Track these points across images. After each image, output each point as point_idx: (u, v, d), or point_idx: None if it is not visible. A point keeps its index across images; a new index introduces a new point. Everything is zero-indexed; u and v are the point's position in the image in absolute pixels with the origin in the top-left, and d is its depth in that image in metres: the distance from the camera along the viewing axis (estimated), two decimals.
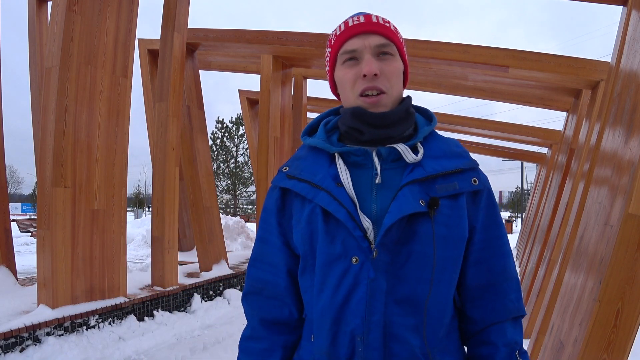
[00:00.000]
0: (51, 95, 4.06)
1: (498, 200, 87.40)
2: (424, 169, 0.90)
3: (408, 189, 0.87)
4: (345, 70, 0.94)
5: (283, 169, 0.99)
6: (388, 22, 0.95)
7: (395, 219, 0.84)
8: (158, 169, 5.63)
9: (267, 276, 1.01)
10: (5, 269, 5.01)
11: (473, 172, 0.93)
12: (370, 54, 0.91)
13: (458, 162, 0.93)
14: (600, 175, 2.36)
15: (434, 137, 0.97)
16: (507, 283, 0.95)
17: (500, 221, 0.98)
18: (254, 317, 1.04)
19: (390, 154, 0.92)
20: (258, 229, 1.06)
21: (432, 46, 5.56)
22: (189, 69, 6.76)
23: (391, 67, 0.93)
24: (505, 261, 0.96)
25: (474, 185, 0.92)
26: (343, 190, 0.89)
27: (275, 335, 1.01)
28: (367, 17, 0.94)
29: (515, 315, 0.95)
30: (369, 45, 0.92)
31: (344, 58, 0.94)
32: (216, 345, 4.68)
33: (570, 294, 2.38)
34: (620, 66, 2.51)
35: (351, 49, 0.93)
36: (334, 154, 0.95)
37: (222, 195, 36.70)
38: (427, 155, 0.92)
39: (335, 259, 0.88)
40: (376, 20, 0.94)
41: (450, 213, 0.89)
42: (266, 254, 1.02)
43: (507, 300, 0.94)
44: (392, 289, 0.86)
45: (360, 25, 0.93)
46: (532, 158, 13.98)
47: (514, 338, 0.94)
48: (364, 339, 0.85)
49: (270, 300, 1.01)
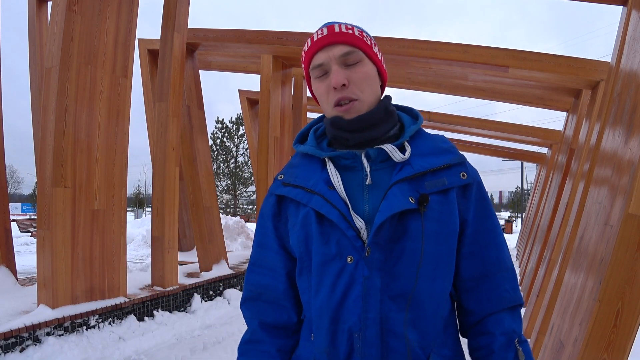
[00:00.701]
0: (51, 95, 4.07)
1: (498, 200, 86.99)
2: (412, 167, 0.92)
3: (397, 187, 0.89)
4: (317, 84, 0.97)
5: (279, 177, 1.02)
6: (352, 29, 0.96)
7: (385, 217, 0.86)
8: (158, 169, 5.63)
9: (266, 280, 1.03)
10: (5, 269, 5.01)
11: (461, 167, 0.95)
12: (337, 65, 0.93)
13: (445, 157, 0.94)
14: (600, 175, 2.36)
15: (421, 135, 0.99)
16: (502, 273, 0.96)
17: (492, 213, 0.99)
18: (253, 320, 1.05)
19: (379, 155, 0.94)
20: (254, 235, 1.08)
21: (432, 46, 5.56)
22: (189, 69, 6.76)
23: (359, 73, 0.94)
24: (498, 252, 0.97)
25: (463, 179, 0.94)
26: (335, 192, 0.92)
27: (275, 338, 1.02)
28: (329, 28, 0.96)
29: (512, 305, 0.96)
30: (333, 56, 0.93)
31: (315, 74, 0.97)
32: (216, 345, 4.68)
33: (570, 294, 2.38)
34: (620, 66, 2.51)
35: (318, 63, 0.95)
36: (324, 159, 0.97)
37: (222, 195, 36.70)
38: (415, 153, 0.94)
39: (330, 259, 0.90)
40: (339, 29, 0.95)
41: (441, 209, 0.91)
42: (264, 258, 1.03)
43: (503, 290, 0.96)
44: (387, 285, 0.87)
45: (324, 38, 0.94)
46: (532, 158, 13.98)
47: (511, 327, 0.94)
48: (361, 335, 0.87)
49: (270, 304, 1.03)
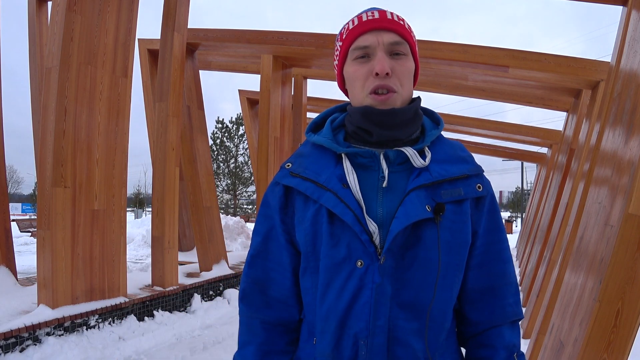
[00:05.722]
0: (51, 95, 4.06)
1: (498, 200, 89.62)
2: (430, 174, 0.88)
3: (415, 194, 0.86)
4: (356, 66, 0.91)
5: (286, 165, 0.96)
6: (402, 20, 0.93)
7: (403, 226, 0.83)
8: (158, 169, 5.63)
9: (272, 275, 0.98)
10: (5, 269, 5.01)
11: (478, 178, 0.92)
12: (384, 52, 0.89)
13: (464, 167, 0.92)
14: (600, 175, 2.36)
15: (440, 141, 0.96)
16: (507, 287, 0.96)
17: (502, 226, 0.98)
18: (253, 319, 1.00)
19: (398, 157, 0.90)
20: (257, 225, 1.00)
21: (432, 46, 5.56)
22: (189, 69, 6.76)
23: (404, 66, 0.90)
24: (505, 266, 0.96)
25: (478, 191, 0.91)
26: (349, 192, 0.87)
27: (276, 337, 0.99)
28: (381, 13, 0.91)
29: (513, 319, 0.96)
30: (382, 42, 0.89)
31: (355, 54, 0.91)
32: (216, 345, 4.68)
33: (570, 294, 2.38)
34: (620, 66, 2.51)
35: (364, 45, 0.90)
36: (340, 153, 0.92)
37: (222, 195, 36.69)
38: (433, 160, 0.91)
39: (339, 262, 0.87)
40: (391, 17, 0.91)
41: (455, 218, 0.88)
42: (270, 251, 0.98)
43: (506, 304, 0.95)
44: (396, 293, 0.85)
45: (375, 21, 0.90)
46: (532, 158, 13.98)
47: (512, 341, 0.94)
48: (367, 342, 0.85)
49: (274, 300, 0.98)
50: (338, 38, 0.97)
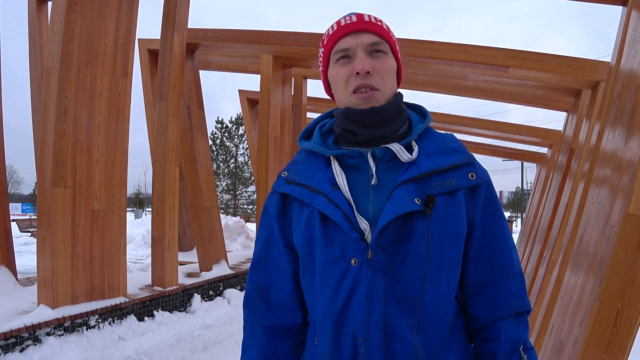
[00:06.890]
0: (51, 95, 4.07)
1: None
2: (418, 167, 0.89)
3: (403, 188, 0.87)
4: (338, 68, 0.94)
5: (282, 174, 0.99)
6: (380, 21, 0.96)
7: (389, 219, 0.84)
8: (158, 169, 5.63)
9: (272, 279, 1.00)
10: (5, 269, 5.01)
11: (470, 167, 0.92)
12: (363, 52, 0.91)
13: (454, 157, 0.91)
14: (600, 175, 2.36)
15: (429, 134, 0.96)
16: (509, 278, 0.93)
17: (501, 215, 0.96)
18: (255, 324, 1.02)
19: (385, 155, 0.91)
20: (258, 232, 1.04)
21: (432, 46, 5.56)
22: (189, 69, 6.76)
23: (384, 64, 0.93)
24: (506, 256, 0.94)
25: (472, 180, 0.90)
26: (339, 192, 0.89)
27: (279, 341, 1.00)
28: (359, 16, 0.95)
29: (519, 311, 0.93)
30: (361, 43, 0.92)
31: (336, 57, 0.94)
32: (216, 345, 4.68)
33: (570, 294, 2.38)
34: (620, 66, 2.51)
35: (344, 47, 0.93)
36: (329, 157, 0.95)
37: (222, 195, 36.70)
38: (422, 153, 0.91)
39: (334, 262, 0.88)
40: (368, 19, 0.94)
41: (447, 210, 0.88)
42: (271, 257, 1.00)
43: (510, 296, 0.93)
44: (391, 289, 0.85)
45: (353, 24, 0.93)
46: (532, 158, 13.96)
47: (517, 334, 0.92)
48: (365, 339, 0.85)
49: (276, 305, 1.00)
50: (320, 44, 1.01)
